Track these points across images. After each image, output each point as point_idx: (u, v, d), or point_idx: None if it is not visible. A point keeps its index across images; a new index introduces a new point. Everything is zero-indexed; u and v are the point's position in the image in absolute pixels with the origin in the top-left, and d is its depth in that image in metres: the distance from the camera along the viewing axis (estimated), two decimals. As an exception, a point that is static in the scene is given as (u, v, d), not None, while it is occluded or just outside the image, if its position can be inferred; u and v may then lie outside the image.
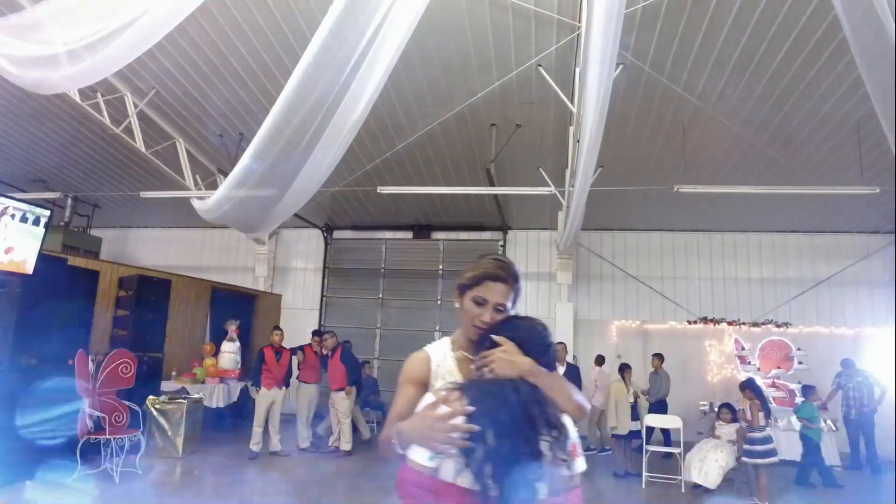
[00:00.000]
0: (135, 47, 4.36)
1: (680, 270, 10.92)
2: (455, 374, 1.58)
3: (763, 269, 10.77)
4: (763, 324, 10.19)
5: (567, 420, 1.40)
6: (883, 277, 10.33)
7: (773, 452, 5.92)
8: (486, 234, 11.58)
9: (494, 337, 1.47)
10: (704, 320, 10.45)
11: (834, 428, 8.33)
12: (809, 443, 7.01)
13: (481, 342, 1.51)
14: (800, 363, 9.32)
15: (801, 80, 6.37)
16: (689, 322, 10.50)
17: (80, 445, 5.64)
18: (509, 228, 11.47)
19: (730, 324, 10.30)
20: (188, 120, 8.02)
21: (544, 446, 1.27)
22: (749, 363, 9.44)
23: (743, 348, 9.58)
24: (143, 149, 7.93)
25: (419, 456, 1.34)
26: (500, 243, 11.48)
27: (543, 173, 8.43)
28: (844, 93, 6.46)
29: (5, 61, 5.14)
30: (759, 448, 5.88)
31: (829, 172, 8.08)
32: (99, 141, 8.76)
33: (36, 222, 5.34)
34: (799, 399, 8.27)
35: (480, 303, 1.57)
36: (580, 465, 1.40)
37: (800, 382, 9.19)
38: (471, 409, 1.29)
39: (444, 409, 1.31)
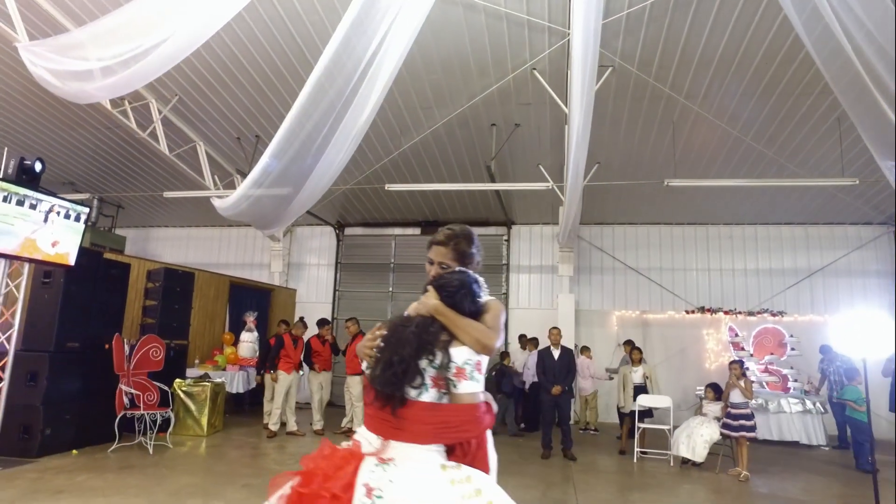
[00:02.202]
0: (162, 65, 4.91)
1: (678, 262, 11.32)
2: None
3: (759, 260, 11.14)
4: (759, 313, 10.58)
5: (460, 350, 1.80)
6: (875, 266, 10.66)
7: (752, 428, 6.35)
8: (491, 230, 12.03)
9: (427, 285, 1.95)
10: (702, 310, 10.85)
11: (823, 410, 8.71)
12: (857, 425, 7.12)
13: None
14: (792, 349, 9.69)
15: (781, 78, 6.77)
16: (687, 311, 10.90)
17: (117, 420, 6.22)
18: (513, 223, 11.93)
19: (726, 313, 10.69)
20: (208, 124, 8.58)
21: (424, 363, 1.73)
22: (743, 349, 9.82)
23: (737, 335, 9.96)
24: (167, 152, 8.51)
25: (364, 365, 1.93)
26: (505, 238, 11.94)
27: (543, 170, 8.89)
28: (823, 89, 6.81)
29: (49, 75, 5.73)
30: (733, 423, 6.32)
31: (816, 166, 8.46)
32: (124, 145, 9.36)
33: (77, 219, 5.92)
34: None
35: (430, 262, 2.07)
36: (464, 386, 1.77)
37: (792, 367, 9.59)
38: (381, 333, 1.86)
39: (370, 335, 1.90)
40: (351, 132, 6.18)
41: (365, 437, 1.77)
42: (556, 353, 7.36)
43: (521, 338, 10.37)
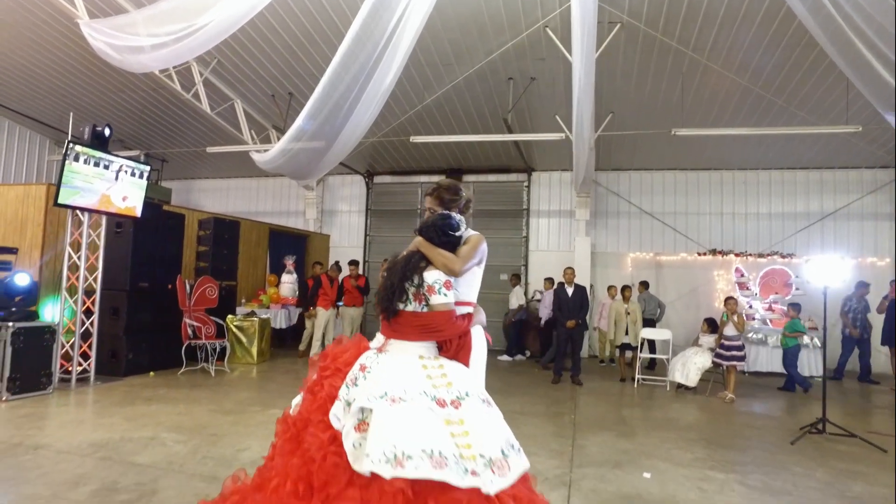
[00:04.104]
0: (210, 40, 5.58)
1: (692, 206, 11.75)
2: None
3: (771, 205, 11.47)
4: (769, 255, 11.02)
5: (432, 273, 2.39)
6: (888, 210, 10.91)
7: (741, 358, 7.06)
8: (513, 176, 12.58)
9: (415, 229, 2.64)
10: (713, 252, 11.34)
11: (820, 345, 9.29)
12: (788, 352, 7.99)
13: None
14: (797, 289, 10.18)
15: (787, 30, 7.03)
16: (699, 254, 11.40)
17: (183, 348, 7.28)
18: (533, 170, 12.45)
19: (737, 255, 11.16)
20: (245, 84, 9.26)
21: (407, 284, 2.40)
22: (748, 289, 10.36)
23: (743, 275, 10.48)
24: (208, 110, 9.25)
25: None
26: (525, 184, 12.50)
27: (559, 120, 9.34)
28: (828, 39, 7.08)
29: (108, 48, 6.48)
30: (726, 353, 7.04)
31: (825, 113, 8.71)
32: (169, 105, 10.14)
33: (140, 176, 6.78)
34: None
35: (427, 209, 2.77)
36: (435, 299, 2.34)
37: (790, 305, 10.12)
38: (387, 265, 2.56)
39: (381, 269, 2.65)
40: (377, 93, 6.79)
41: (378, 339, 2.51)
42: (569, 291, 8.08)
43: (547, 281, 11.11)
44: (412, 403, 2.09)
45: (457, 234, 2.55)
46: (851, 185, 11.14)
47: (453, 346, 2.41)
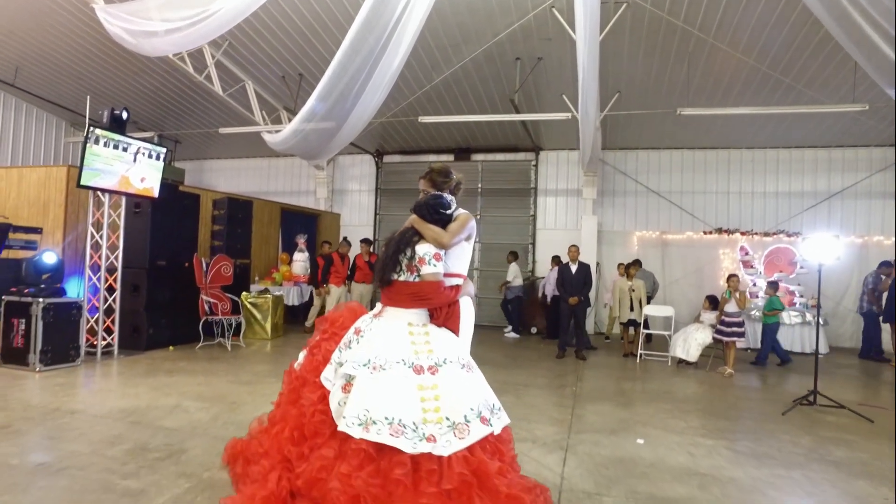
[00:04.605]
0: (222, 26, 5.74)
1: (699, 185, 11.82)
2: None
3: (779, 183, 11.50)
4: (774, 233, 11.09)
5: (422, 245, 2.64)
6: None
7: (741, 334, 7.25)
8: (521, 156, 12.69)
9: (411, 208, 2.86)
10: (719, 231, 11.44)
11: (823, 322, 9.44)
12: (766, 328, 8.22)
13: None
14: (801, 268, 10.29)
15: (794, 8, 7.04)
16: (706, 232, 11.50)
17: (201, 324, 7.59)
18: (541, 149, 12.54)
19: (743, 233, 11.24)
20: (255, 65, 9.42)
21: (400, 256, 2.64)
22: (752, 267, 10.49)
23: (747, 254, 10.60)
24: (220, 92, 9.43)
25: None
26: (533, 163, 12.61)
27: (566, 99, 9.42)
28: (834, 19, 7.09)
29: (123, 32, 6.66)
30: (727, 329, 7.22)
31: (835, 92, 8.72)
32: (182, 87, 10.33)
33: (157, 158, 7.02)
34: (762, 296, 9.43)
35: (422, 191, 2.98)
36: (425, 269, 2.60)
37: (799, 284, 10.25)
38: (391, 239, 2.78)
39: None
40: (386, 75, 6.94)
41: (378, 308, 2.76)
42: (573, 268, 8.27)
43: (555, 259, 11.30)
44: (390, 372, 2.39)
45: (447, 212, 2.78)
46: (861, 163, 11.13)
47: (442, 314, 2.65)
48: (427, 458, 2.26)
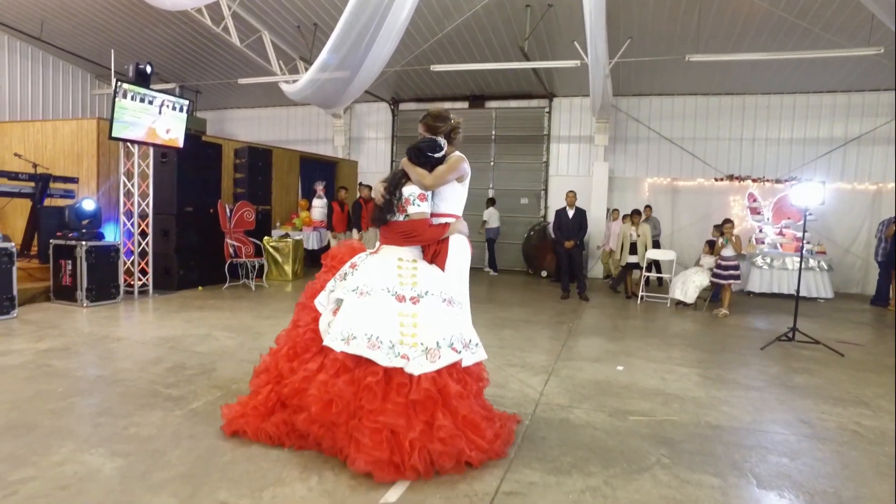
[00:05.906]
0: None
1: (712, 132, 11.81)
2: None
3: (794, 130, 11.40)
4: (786, 180, 11.12)
5: (408, 187, 2.86)
6: (913, 134, 10.77)
7: (737, 277, 7.56)
8: (534, 102, 12.76)
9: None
10: (730, 177, 11.51)
11: (827, 268, 9.64)
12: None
13: None
14: (810, 214, 10.36)
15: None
16: (717, 179, 11.58)
17: (226, 266, 8.17)
18: (554, 96, 12.59)
19: (754, 181, 11.29)
20: (271, 15, 9.62)
21: (392, 198, 2.88)
22: (760, 214, 10.63)
23: (755, 200, 10.72)
24: (237, 43, 9.69)
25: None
26: (546, 110, 12.69)
27: (577, 46, 9.45)
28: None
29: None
30: (723, 273, 7.54)
31: (852, 36, 8.59)
32: (201, 38, 10.59)
33: (181, 110, 7.41)
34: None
35: (420, 135, 3.15)
36: (411, 209, 2.83)
37: (807, 231, 10.36)
38: (385, 181, 3.01)
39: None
40: (396, 24, 7.15)
41: (377, 246, 3.07)
42: (570, 213, 8.57)
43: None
44: (374, 297, 2.70)
45: (436, 154, 2.93)
46: (881, 108, 10.92)
47: (431, 251, 2.97)
48: (399, 372, 2.53)
